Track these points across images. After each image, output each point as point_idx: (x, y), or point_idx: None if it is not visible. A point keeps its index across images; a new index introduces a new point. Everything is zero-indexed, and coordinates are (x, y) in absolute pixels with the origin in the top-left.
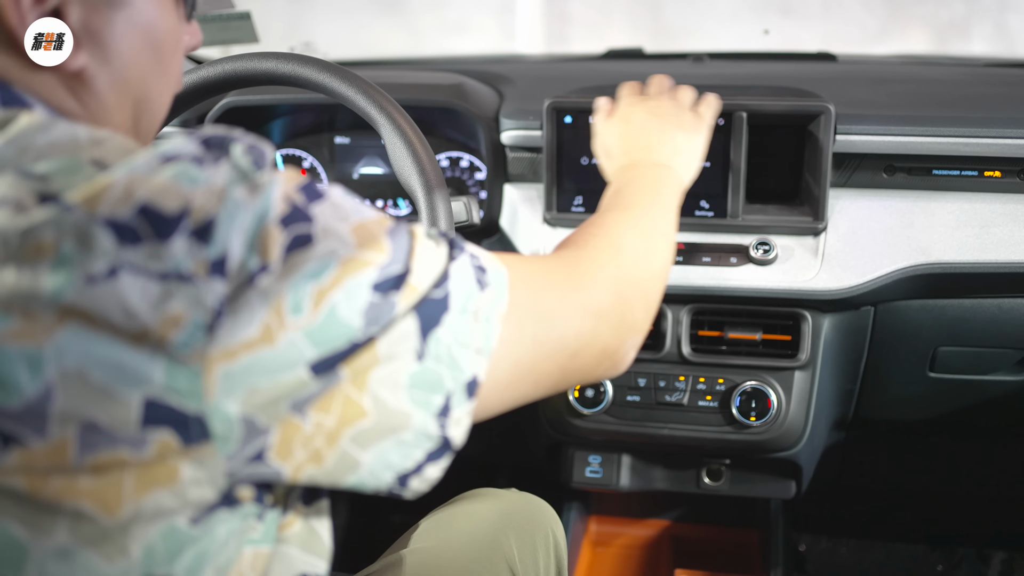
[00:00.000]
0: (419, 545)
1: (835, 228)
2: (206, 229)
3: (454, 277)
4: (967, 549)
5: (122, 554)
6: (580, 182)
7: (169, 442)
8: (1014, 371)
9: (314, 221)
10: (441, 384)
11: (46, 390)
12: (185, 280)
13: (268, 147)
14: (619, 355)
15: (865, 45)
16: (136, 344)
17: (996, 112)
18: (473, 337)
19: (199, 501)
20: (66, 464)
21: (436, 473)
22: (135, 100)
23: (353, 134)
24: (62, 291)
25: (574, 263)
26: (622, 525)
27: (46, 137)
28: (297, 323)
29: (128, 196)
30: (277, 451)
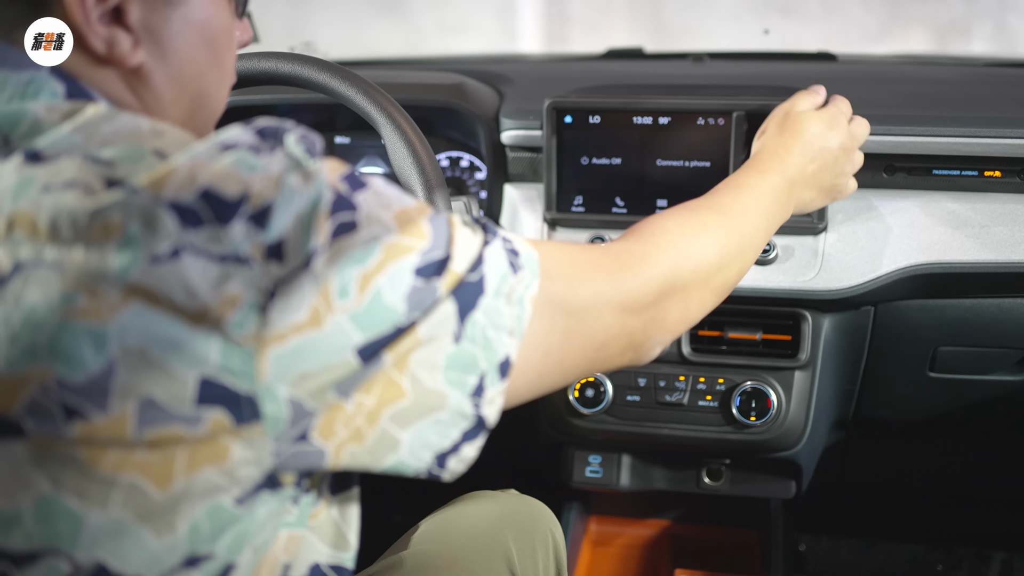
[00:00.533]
0: (418, 546)
1: (835, 228)
2: (264, 214)
3: (488, 260)
4: (967, 549)
5: (170, 530)
6: (580, 182)
7: (222, 420)
8: (1014, 371)
9: (358, 209)
10: (476, 365)
11: (109, 366)
12: (243, 263)
13: (317, 137)
14: (644, 348)
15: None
16: (195, 324)
17: (996, 112)
18: (506, 319)
19: (245, 480)
20: (125, 438)
21: (472, 452)
22: (192, 95)
23: (353, 134)
24: (128, 270)
25: (620, 256)
26: (622, 525)
27: (111, 126)
28: (344, 307)
29: (191, 181)
30: (320, 431)
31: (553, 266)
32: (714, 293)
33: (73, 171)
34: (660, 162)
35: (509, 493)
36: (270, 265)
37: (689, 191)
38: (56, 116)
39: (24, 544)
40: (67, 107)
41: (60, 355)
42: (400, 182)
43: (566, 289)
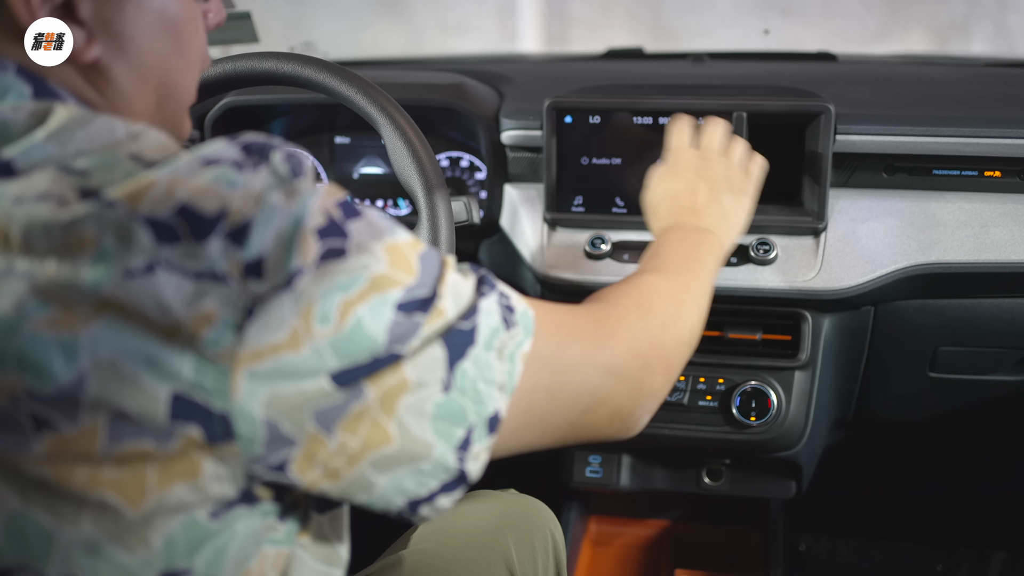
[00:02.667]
0: (418, 546)
1: (835, 228)
2: (242, 231)
3: (483, 312)
4: (967, 549)
5: (144, 546)
6: (580, 182)
7: (194, 438)
8: (1014, 371)
9: (349, 237)
10: (465, 417)
11: (79, 377)
12: (219, 280)
13: (306, 157)
14: (632, 418)
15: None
16: (168, 339)
17: (996, 112)
18: (496, 374)
19: (219, 496)
20: (94, 452)
21: (448, 504)
22: (156, 85)
23: (353, 134)
24: (100, 283)
25: (600, 319)
26: (622, 525)
27: (85, 132)
28: (323, 332)
29: (169, 196)
30: (298, 465)
31: (543, 326)
32: (688, 347)
33: (46, 183)
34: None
35: (509, 493)
36: (248, 283)
37: None
38: (24, 116)
39: None
40: (34, 107)
41: (29, 365)
42: (400, 182)
43: (554, 348)
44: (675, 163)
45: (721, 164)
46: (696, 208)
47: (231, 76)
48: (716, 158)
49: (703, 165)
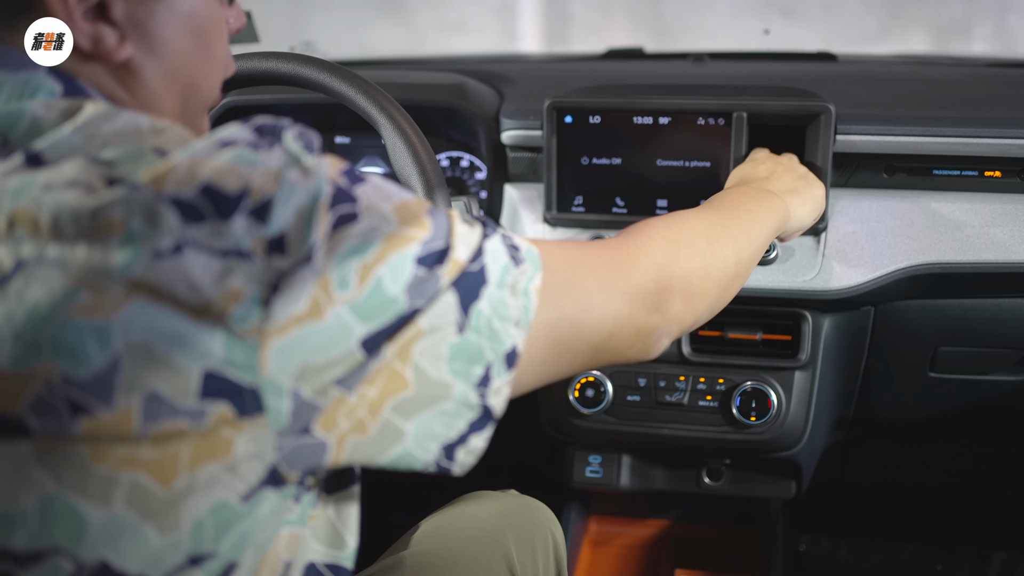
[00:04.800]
0: (419, 546)
1: (835, 228)
2: (264, 209)
3: (489, 252)
4: (967, 549)
5: (173, 528)
6: (580, 182)
7: (225, 414)
8: (1014, 371)
9: (358, 201)
10: (481, 355)
11: (113, 361)
12: (244, 257)
13: (315, 134)
14: (651, 339)
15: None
16: (198, 318)
17: (996, 112)
18: (512, 310)
19: (249, 476)
20: (130, 433)
21: (481, 443)
22: (182, 86)
23: (353, 134)
24: (130, 266)
25: (618, 248)
26: (622, 525)
27: (111, 126)
28: (344, 297)
29: (192, 177)
30: (322, 423)
31: (554, 260)
32: (717, 284)
33: (74, 172)
34: (660, 162)
35: (509, 493)
36: (272, 259)
37: (689, 191)
38: (54, 114)
39: (28, 544)
40: (65, 105)
41: (64, 351)
42: (400, 182)
43: (570, 279)
44: (754, 157)
45: (796, 163)
46: (768, 177)
47: (231, 76)
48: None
49: (779, 158)
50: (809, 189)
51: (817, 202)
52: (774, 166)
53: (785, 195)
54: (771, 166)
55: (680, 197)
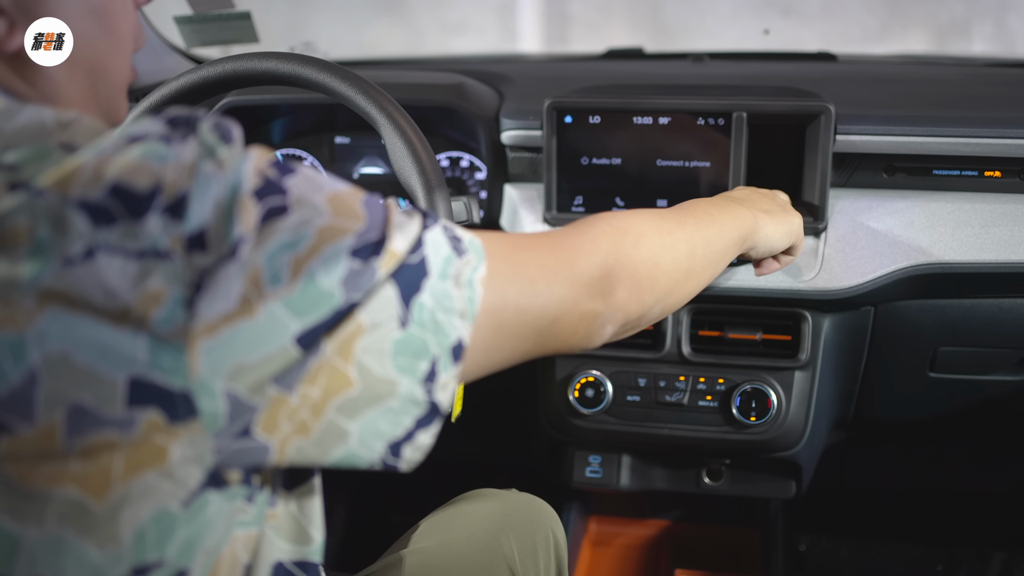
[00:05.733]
0: (419, 545)
1: (835, 228)
2: (179, 205)
3: (429, 243)
4: (967, 549)
5: (114, 540)
6: (580, 182)
7: (156, 421)
8: (1014, 371)
9: (288, 193)
10: (426, 350)
11: (31, 375)
12: (162, 257)
13: (234, 124)
14: (595, 326)
15: (865, 45)
16: (117, 323)
17: (996, 112)
18: (456, 301)
19: (187, 481)
20: (55, 449)
21: (427, 440)
22: (87, 71)
23: (353, 134)
24: (40, 276)
25: (562, 237)
26: (622, 525)
27: (12, 124)
28: (276, 293)
29: (99, 177)
30: (263, 425)
31: (497, 248)
32: (667, 276)
33: None
34: (660, 162)
35: (510, 492)
36: (193, 256)
37: (689, 191)
38: None
39: None
40: None
41: None
42: (400, 182)
43: (514, 266)
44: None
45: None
46: (741, 198)
47: (231, 76)
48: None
49: (755, 188)
50: (784, 215)
51: (791, 227)
52: (751, 192)
53: (756, 212)
54: (748, 191)
55: (680, 197)
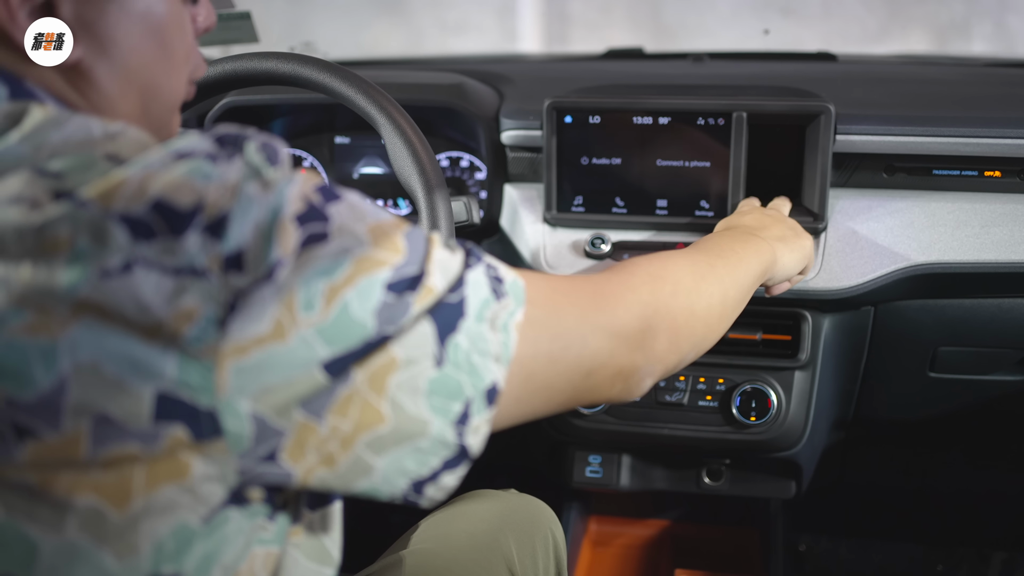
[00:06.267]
0: (418, 546)
1: (835, 228)
2: (220, 224)
3: (470, 283)
4: (967, 549)
5: (131, 551)
6: (580, 182)
7: (180, 437)
8: (1014, 371)
9: (330, 220)
10: (461, 391)
11: (60, 383)
12: (199, 275)
13: (281, 145)
14: (633, 380)
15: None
16: (149, 338)
17: (996, 112)
18: (491, 345)
19: (209, 498)
20: (79, 458)
21: (452, 481)
22: (141, 88)
23: (353, 134)
24: (77, 285)
25: (602, 284)
26: (622, 525)
27: (60, 134)
28: (309, 320)
29: (142, 192)
30: (289, 452)
31: (537, 293)
32: (702, 323)
33: (19, 186)
34: (660, 162)
35: (510, 493)
36: (229, 276)
37: (689, 191)
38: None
39: None
40: (10, 108)
41: (8, 373)
42: (400, 182)
43: (550, 314)
44: (741, 210)
45: (784, 215)
46: (754, 225)
47: (231, 76)
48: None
49: (766, 210)
50: (797, 239)
51: (805, 252)
52: (762, 217)
53: (772, 241)
54: (759, 216)
55: (680, 197)
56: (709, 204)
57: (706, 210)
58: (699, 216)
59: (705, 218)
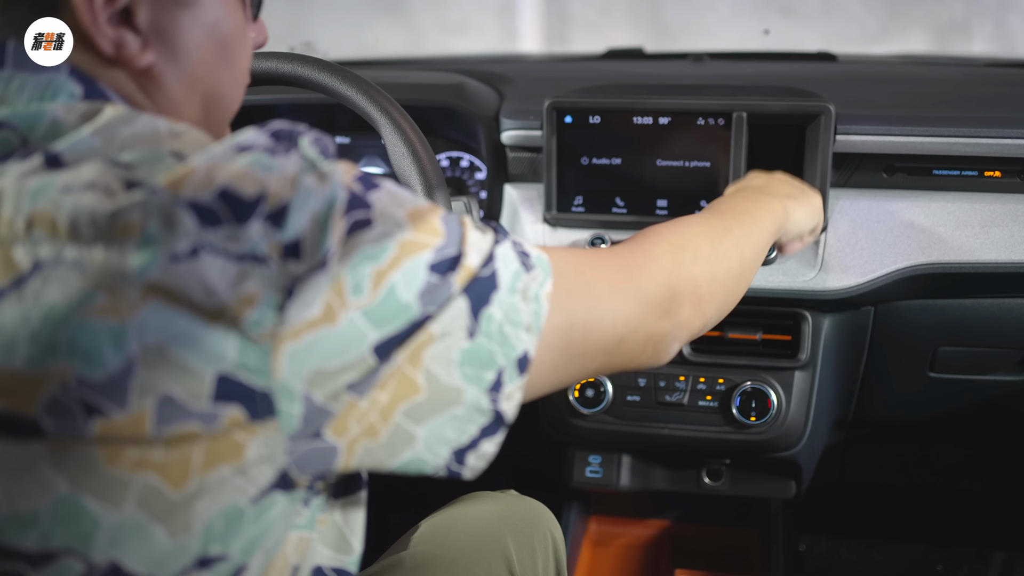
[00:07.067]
0: (418, 547)
1: (835, 228)
2: (281, 214)
3: (500, 258)
4: (967, 549)
5: (184, 530)
6: (580, 182)
7: (237, 417)
8: (1014, 371)
9: (372, 207)
10: (493, 360)
11: (128, 363)
12: (260, 262)
13: (331, 140)
14: (662, 345)
15: (865, 45)
16: (213, 321)
17: (996, 112)
18: (523, 315)
19: (260, 479)
20: (143, 435)
21: (492, 448)
22: (204, 95)
23: (353, 134)
24: (147, 268)
25: (626, 255)
26: (622, 525)
27: (130, 129)
28: (358, 303)
29: (209, 181)
30: (334, 428)
31: (564, 266)
32: (723, 287)
33: (93, 174)
34: (660, 162)
35: (509, 494)
36: (287, 264)
37: (689, 191)
38: (74, 117)
39: (39, 544)
40: (85, 108)
41: (80, 353)
42: (400, 182)
43: (580, 285)
44: (748, 176)
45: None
46: (762, 185)
47: None
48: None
49: (774, 174)
50: (805, 196)
51: (814, 207)
52: (769, 178)
53: (783, 199)
54: (766, 178)
55: (680, 197)
56: (709, 204)
57: None
58: None
59: None
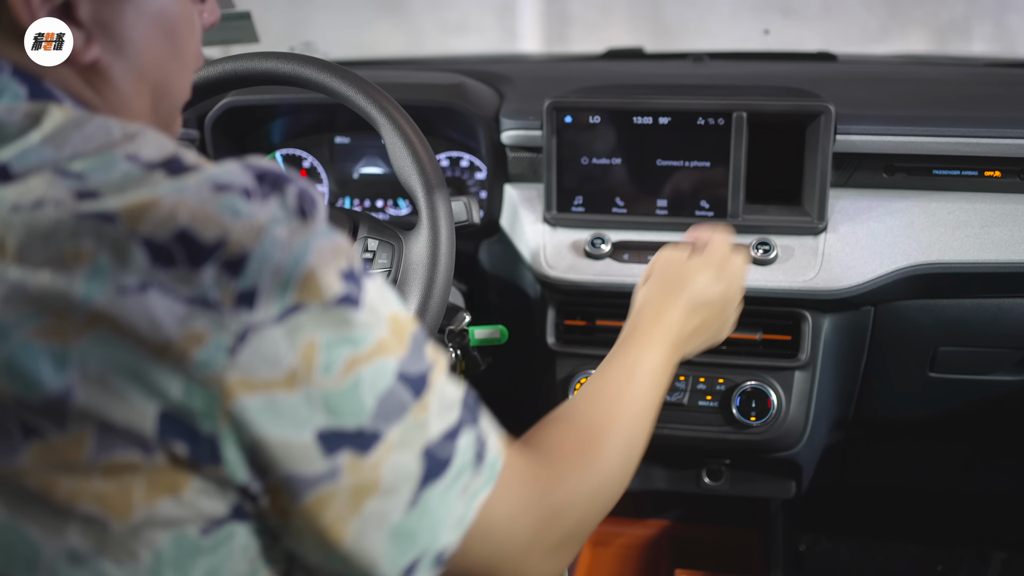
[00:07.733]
0: None
1: (835, 228)
2: (238, 263)
3: (461, 444)
4: (967, 549)
5: (132, 559)
6: (580, 182)
7: (181, 455)
8: (1014, 371)
9: (365, 291)
10: (416, 543)
11: (67, 387)
12: (211, 307)
13: (319, 196)
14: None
15: (865, 45)
16: (157, 356)
17: (996, 112)
18: (455, 510)
19: (208, 512)
20: (81, 461)
21: None
22: (153, 86)
23: (353, 134)
24: (93, 297)
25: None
26: (622, 525)
27: (80, 134)
28: (323, 382)
29: (171, 219)
30: (270, 511)
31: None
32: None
33: (43, 188)
34: (660, 162)
35: None
36: (240, 311)
37: (689, 191)
38: (19, 117)
39: None
40: (29, 108)
41: (18, 373)
42: (400, 182)
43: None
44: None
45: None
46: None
47: (231, 76)
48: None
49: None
50: (718, 334)
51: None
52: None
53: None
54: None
55: (680, 197)
56: (709, 204)
57: (706, 210)
58: (699, 216)
59: (705, 218)
